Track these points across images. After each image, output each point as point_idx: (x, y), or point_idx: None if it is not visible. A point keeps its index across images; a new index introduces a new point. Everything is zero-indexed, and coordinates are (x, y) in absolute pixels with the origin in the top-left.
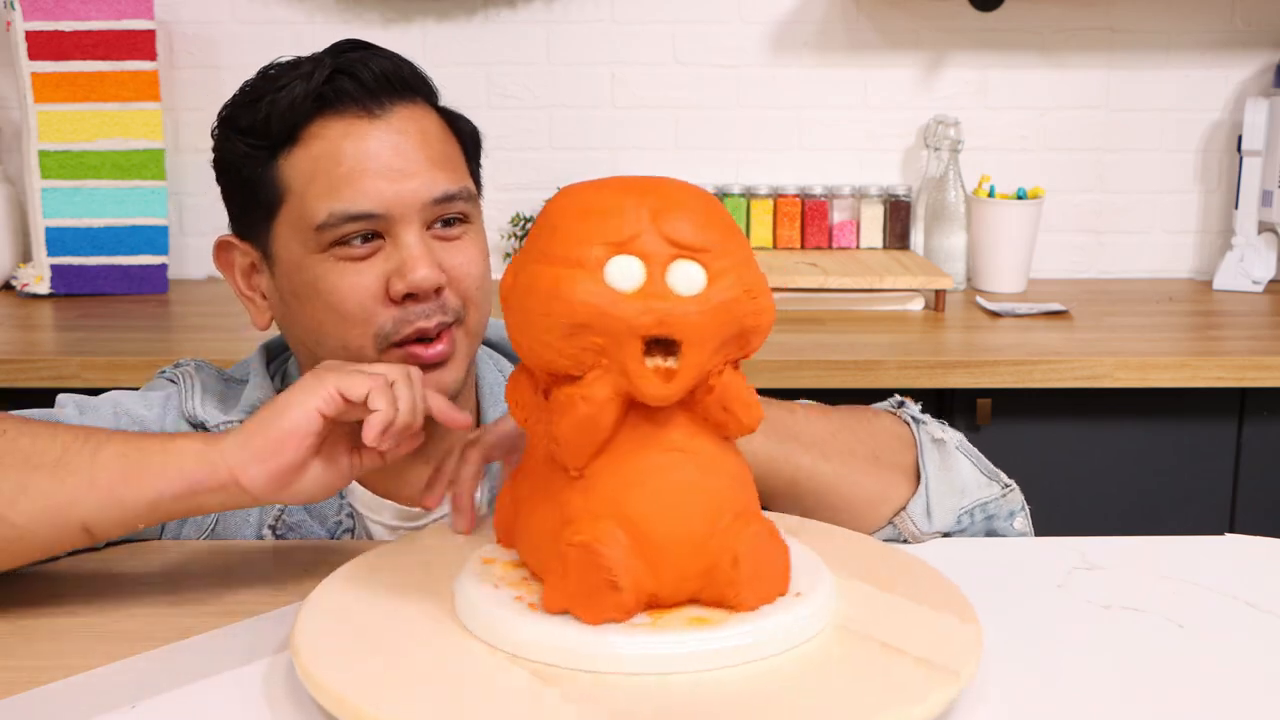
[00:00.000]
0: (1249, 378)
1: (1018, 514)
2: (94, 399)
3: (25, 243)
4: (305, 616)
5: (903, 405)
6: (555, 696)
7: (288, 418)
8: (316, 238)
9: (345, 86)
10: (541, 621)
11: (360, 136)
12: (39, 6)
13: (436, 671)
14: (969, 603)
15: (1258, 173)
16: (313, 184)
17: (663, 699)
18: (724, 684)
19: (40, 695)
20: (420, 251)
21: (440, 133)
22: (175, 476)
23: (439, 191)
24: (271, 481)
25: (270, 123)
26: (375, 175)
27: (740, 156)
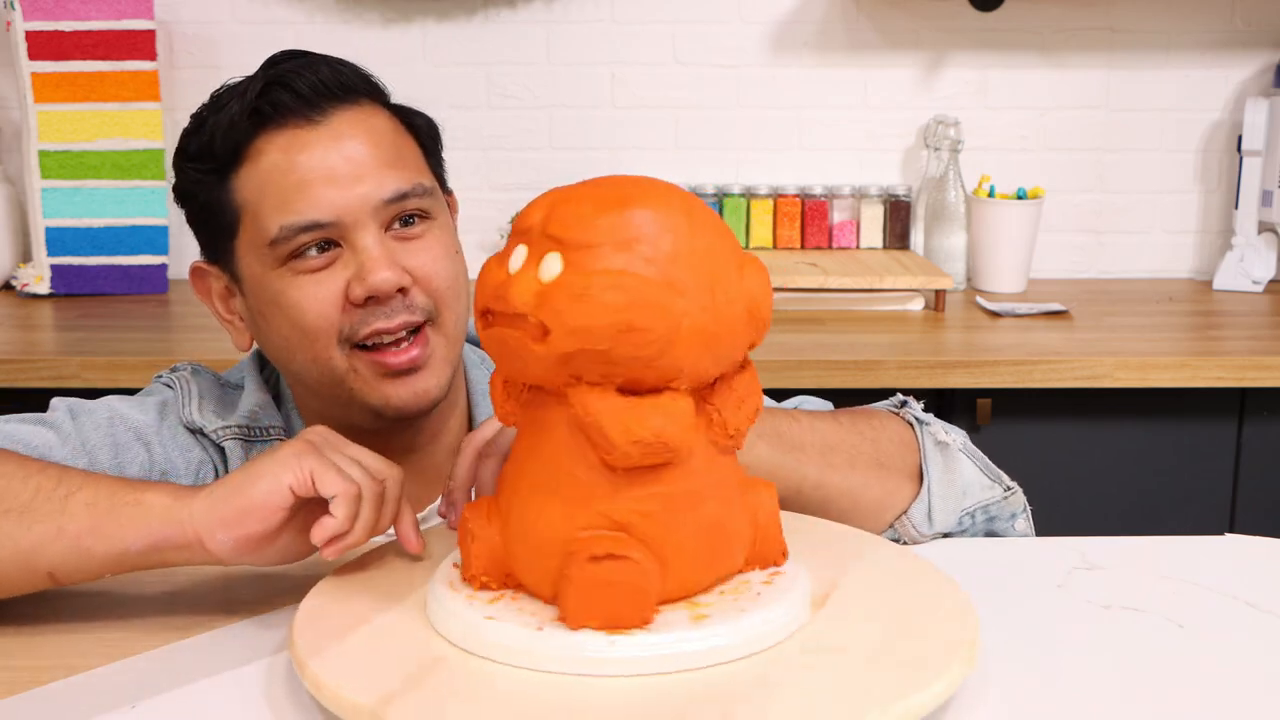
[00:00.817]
0: (1249, 378)
1: (1019, 516)
2: (89, 403)
3: (25, 243)
4: (303, 616)
5: (905, 405)
6: (548, 696)
7: (259, 489)
8: (272, 253)
9: (281, 98)
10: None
11: (303, 146)
12: (39, 6)
13: (434, 671)
14: (968, 599)
15: (1258, 173)
16: (263, 200)
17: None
18: (711, 683)
19: (40, 695)
20: (379, 253)
21: (390, 131)
22: (142, 532)
23: (390, 191)
24: (237, 548)
25: (214, 145)
26: (323, 183)
27: (740, 156)
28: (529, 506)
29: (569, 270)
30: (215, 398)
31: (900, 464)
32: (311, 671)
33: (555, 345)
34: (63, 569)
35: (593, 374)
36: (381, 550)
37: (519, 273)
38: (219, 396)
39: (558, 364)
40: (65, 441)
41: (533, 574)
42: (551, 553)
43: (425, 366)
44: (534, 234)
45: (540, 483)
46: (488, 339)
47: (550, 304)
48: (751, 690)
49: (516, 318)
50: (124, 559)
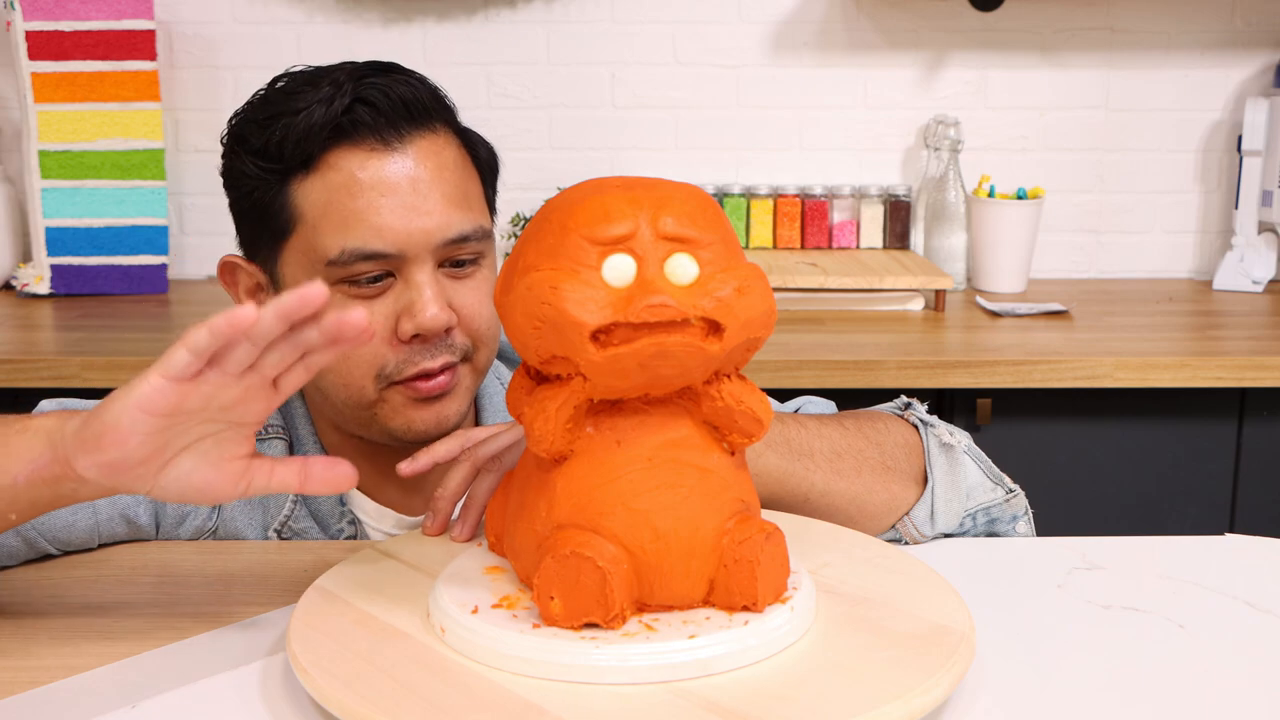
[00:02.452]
0: (1249, 378)
1: (1020, 519)
2: (81, 402)
3: (25, 243)
4: (300, 615)
5: (910, 406)
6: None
7: (110, 412)
8: (326, 272)
9: (364, 117)
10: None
11: (377, 169)
12: (39, 6)
13: (431, 671)
14: (963, 602)
15: (1258, 173)
16: (326, 216)
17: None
18: (710, 688)
19: (40, 695)
20: (433, 293)
21: (458, 163)
22: (25, 459)
23: (454, 233)
24: (105, 474)
25: (284, 147)
26: (390, 212)
27: (740, 156)
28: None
29: (712, 267)
30: None
31: (905, 467)
32: (308, 671)
33: (729, 340)
34: None
35: (729, 366)
36: (376, 551)
37: (658, 278)
38: None
39: (721, 360)
40: None
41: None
42: (708, 551)
43: (451, 395)
44: (639, 241)
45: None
46: (625, 356)
47: (721, 301)
48: (750, 693)
49: (679, 324)
50: (15, 490)
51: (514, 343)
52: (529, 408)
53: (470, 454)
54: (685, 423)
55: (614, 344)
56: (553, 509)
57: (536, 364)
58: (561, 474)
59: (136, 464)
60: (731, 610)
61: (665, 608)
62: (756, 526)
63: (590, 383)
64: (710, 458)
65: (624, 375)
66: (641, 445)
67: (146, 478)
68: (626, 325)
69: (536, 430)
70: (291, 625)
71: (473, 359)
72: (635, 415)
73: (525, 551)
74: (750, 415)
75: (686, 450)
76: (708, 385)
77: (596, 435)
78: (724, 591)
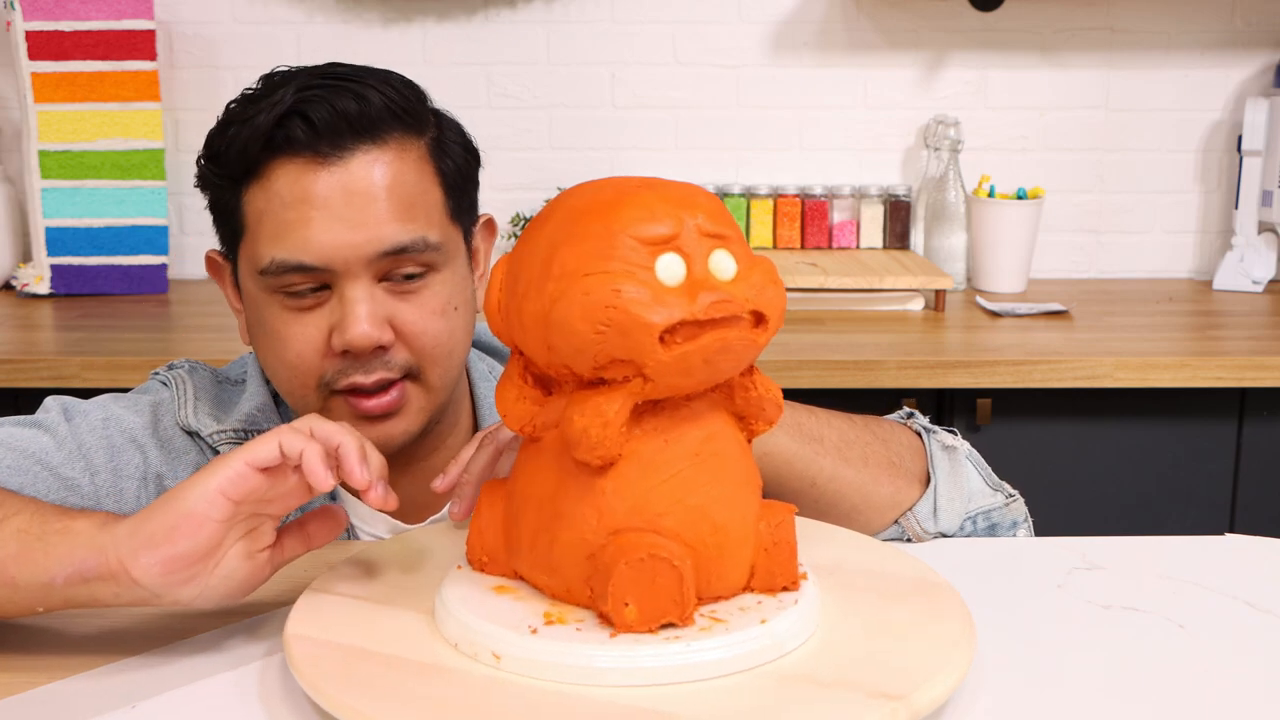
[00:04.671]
0: (1249, 378)
1: (1020, 525)
2: (84, 402)
3: (25, 243)
4: (297, 616)
5: (912, 416)
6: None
7: (185, 499)
8: (263, 281)
9: (295, 131)
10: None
11: (310, 182)
12: (39, 6)
13: (428, 671)
14: (964, 602)
15: (1258, 173)
16: (261, 226)
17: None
18: (705, 694)
19: (40, 695)
20: (363, 310)
21: (413, 175)
22: (65, 561)
23: (389, 245)
24: (165, 572)
25: (230, 155)
26: (320, 226)
27: (740, 156)
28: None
29: (744, 261)
30: (211, 398)
31: (910, 466)
32: (305, 672)
33: (771, 330)
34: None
35: None
36: (375, 550)
37: (706, 276)
38: (215, 396)
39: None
40: (61, 445)
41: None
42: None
43: (398, 414)
44: (685, 239)
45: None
46: (692, 354)
47: (763, 293)
48: (750, 694)
49: (734, 319)
50: (50, 591)
51: (565, 349)
52: (579, 415)
53: (492, 438)
54: (719, 415)
55: (678, 343)
56: (604, 516)
57: (590, 370)
58: (611, 479)
59: (201, 557)
60: (772, 591)
61: (714, 598)
62: (782, 509)
63: (651, 384)
64: (741, 447)
65: (689, 373)
66: (685, 442)
67: (201, 576)
68: (690, 324)
69: (593, 436)
70: (288, 626)
71: (420, 377)
72: (675, 413)
73: (569, 564)
74: (776, 402)
75: (723, 442)
76: (743, 377)
77: (642, 436)
78: (765, 575)
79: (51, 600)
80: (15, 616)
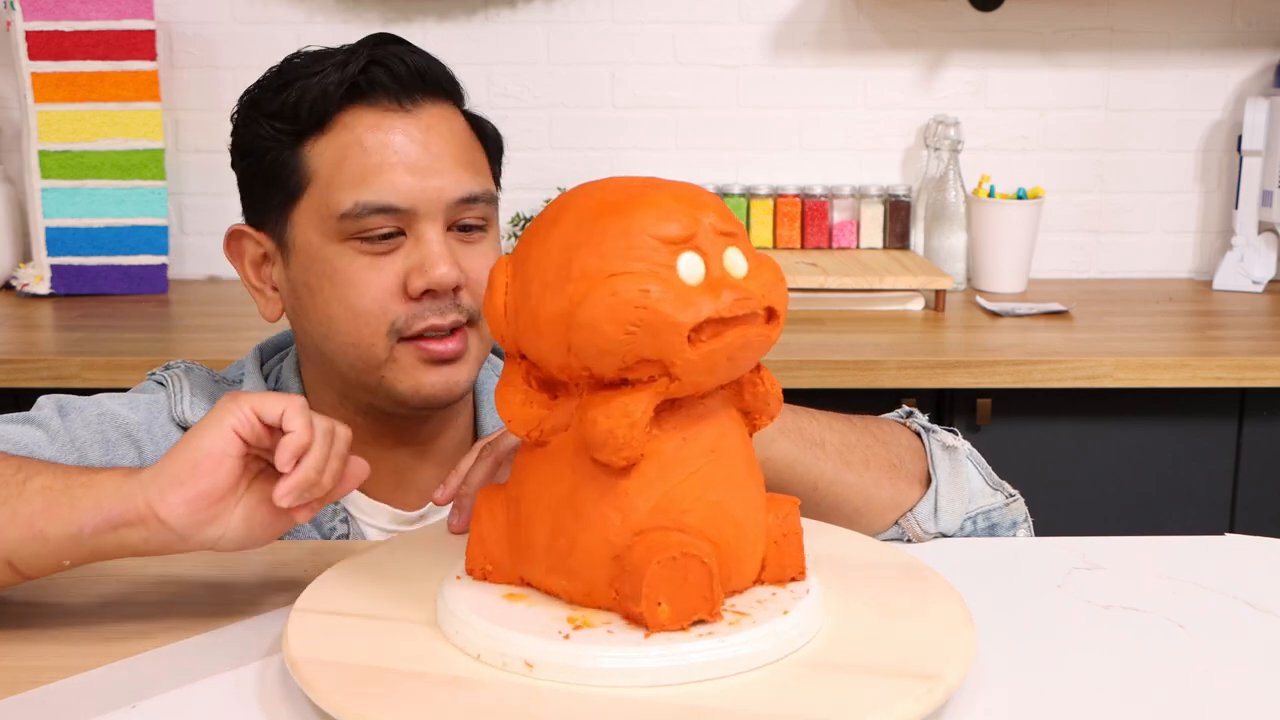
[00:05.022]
0: (1249, 378)
1: (1020, 525)
2: (79, 399)
3: (25, 243)
4: (296, 617)
5: (911, 415)
6: (542, 699)
7: (203, 438)
8: (339, 227)
9: (380, 78)
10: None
11: (391, 129)
12: (39, 6)
13: (427, 672)
14: (964, 602)
15: (1258, 173)
16: (339, 172)
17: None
18: (708, 693)
19: (40, 695)
20: (442, 249)
21: (466, 135)
22: (93, 509)
23: (464, 192)
24: (191, 511)
25: (300, 108)
26: (403, 169)
27: (740, 156)
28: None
29: (753, 259)
30: (208, 394)
31: (911, 468)
32: (305, 672)
33: (781, 326)
34: (19, 555)
35: None
36: (375, 550)
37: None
38: (212, 393)
39: None
40: (54, 440)
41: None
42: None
43: (462, 359)
44: (700, 238)
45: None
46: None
47: (775, 290)
48: (751, 694)
49: (752, 315)
50: (79, 541)
51: (589, 351)
52: (604, 417)
53: (491, 449)
54: (729, 412)
55: (704, 341)
56: (627, 516)
57: (615, 371)
58: (633, 479)
59: (224, 494)
60: (781, 583)
61: (731, 592)
62: (787, 501)
63: (677, 383)
64: (747, 442)
65: (713, 371)
66: (702, 439)
67: (225, 514)
68: (715, 321)
69: (620, 437)
70: (288, 626)
71: (478, 324)
72: (691, 410)
73: (591, 566)
74: (778, 397)
75: (734, 438)
76: (752, 374)
77: (661, 435)
78: (776, 566)
79: (79, 552)
80: (42, 573)
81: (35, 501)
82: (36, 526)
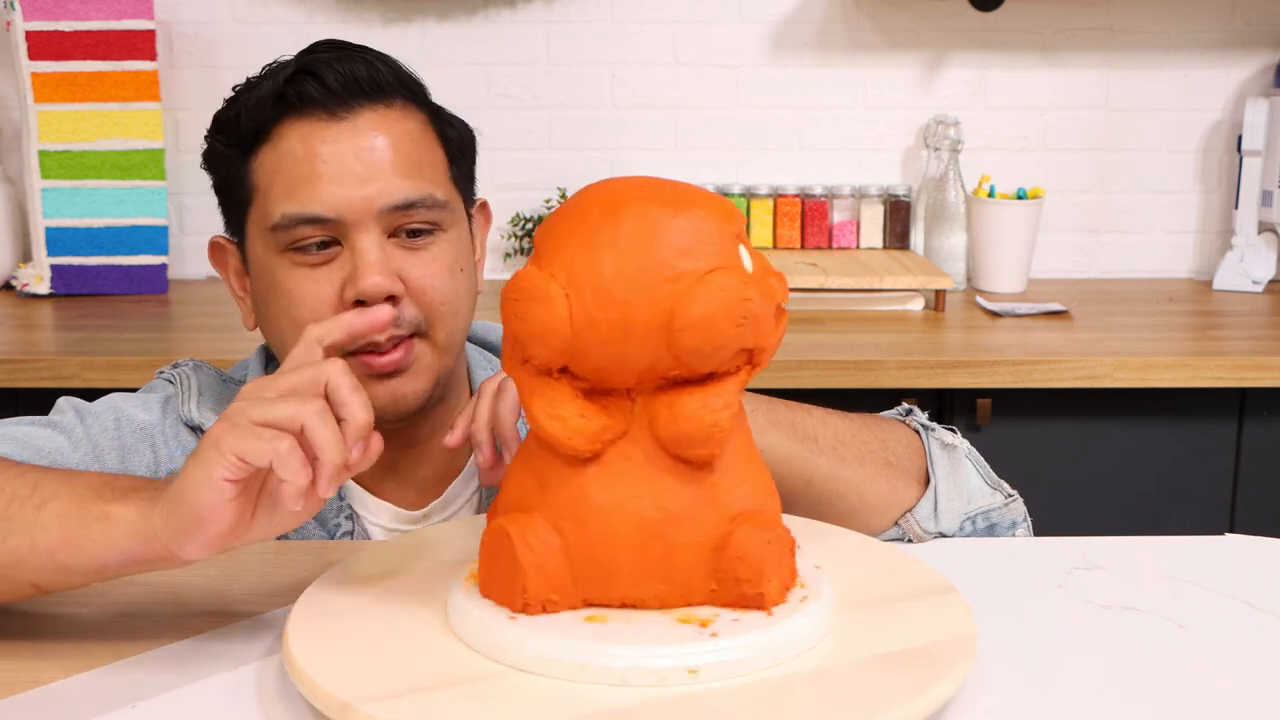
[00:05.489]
0: (1249, 378)
1: (1019, 525)
2: (94, 405)
3: (25, 243)
4: (298, 617)
5: (910, 413)
6: (545, 700)
7: (197, 495)
8: (275, 239)
9: (307, 88)
10: (531, 628)
11: (321, 139)
12: (39, 6)
13: (427, 673)
14: (964, 602)
15: (1258, 173)
16: (273, 184)
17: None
18: (715, 694)
19: (40, 695)
20: (373, 258)
21: (417, 136)
22: (113, 548)
23: (398, 198)
24: (210, 549)
25: (240, 123)
26: (331, 179)
27: (740, 156)
28: None
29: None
30: (215, 394)
31: (908, 465)
32: (305, 673)
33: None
34: (44, 581)
35: None
36: (376, 551)
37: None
38: (219, 393)
39: None
40: (77, 446)
41: None
42: None
43: (406, 372)
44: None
45: None
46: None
47: (783, 285)
48: (752, 695)
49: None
50: (105, 572)
51: (701, 348)
52: (706, 411)
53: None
54: None
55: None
56: (719, 507)
57: (720, 364)
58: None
59: (234, 527)
60: None
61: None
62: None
63: (756, 369)
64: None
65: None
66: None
67: (245, 534)
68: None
69: (725, 427)
70: (289, 626)
71: (430, 335)
72: None
73: (691, 564)
74: None
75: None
76: None
77: None
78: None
79: (104, 578)
80: (70, 589)
81: (52, 531)
82: (58, 558)
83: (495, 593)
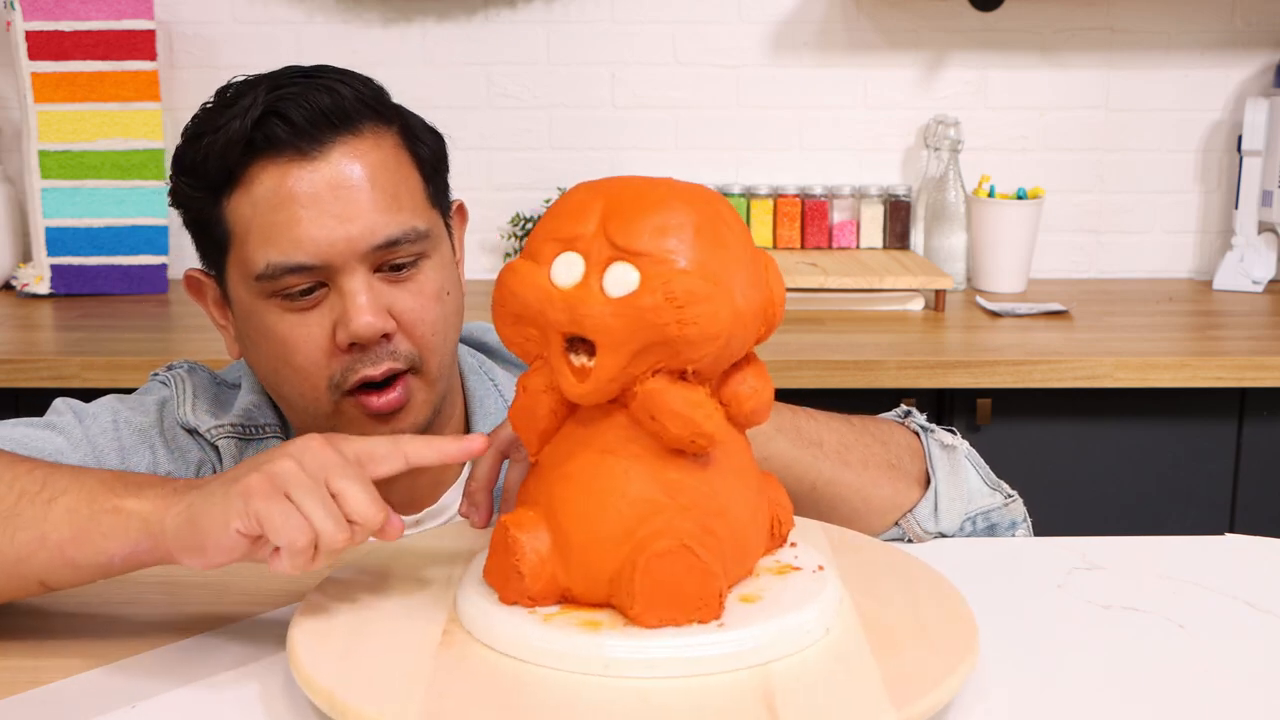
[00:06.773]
0: (1249, 378)
1: (1019, 525)
2: (91, 406)
3: (25, 243)
4: (300, 617)
5: (909, 414)
6: (547, 699)
7: (210, 530)
8: (259, 287)
9: (275, 130)
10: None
11: (295, 180)
12: (39, 6)
13: (428, 673)
14: (965, 602)
15: (1258, 173)
16: (251, 231)
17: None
18: (713, 689)
19: (40, 695)
20: (364, 300)
21: (393, 163)
22: (122, 544)
23: (381, 238)
24: (206, 568)
25: (208, 166)
26: (311, 223)
27: (740, 156)
28: None
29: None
30: (210, 396)
31: (910, 468)
32: (307, 673)
33: None
34: (51, 577)
35: None
36: (376, 552)
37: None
38: (214, 395)
39: None
40: (76, 447)
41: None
42: None
43: (405, 410)
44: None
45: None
46: None
47: None
48: (752, 695)
49: None
50: (110, 568)
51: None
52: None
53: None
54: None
55: None
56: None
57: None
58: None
59: (234, 559)
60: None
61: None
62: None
63: None
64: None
65: None
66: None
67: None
68: None
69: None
70: (291, 627)
71: (421, 370)
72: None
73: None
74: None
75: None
76: None
77: None
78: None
79: (110, 573)
80: (76, 586)
81: (63, 528)
82: (67, 554)
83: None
